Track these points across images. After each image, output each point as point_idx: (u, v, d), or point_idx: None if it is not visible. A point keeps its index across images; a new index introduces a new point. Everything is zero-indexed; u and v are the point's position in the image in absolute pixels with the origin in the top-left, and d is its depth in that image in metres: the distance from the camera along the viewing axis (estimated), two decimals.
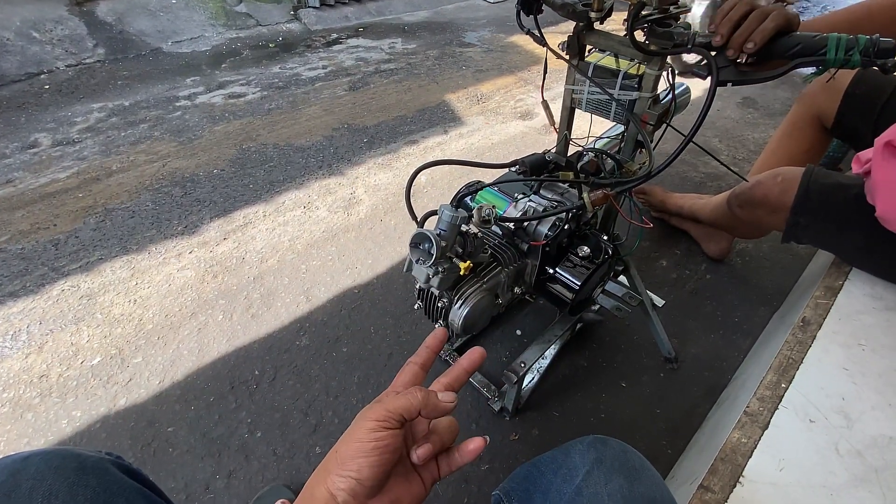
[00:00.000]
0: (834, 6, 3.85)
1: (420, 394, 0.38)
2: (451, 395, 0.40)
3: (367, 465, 0.35)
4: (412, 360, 0.45)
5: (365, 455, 0.35)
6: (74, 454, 0.45)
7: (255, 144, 1.94)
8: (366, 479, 0.35)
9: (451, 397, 0.40)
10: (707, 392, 1.13)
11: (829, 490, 0.60)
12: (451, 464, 0.42)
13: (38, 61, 2.35)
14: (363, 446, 0.36)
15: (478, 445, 0.41)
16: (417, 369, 0.45)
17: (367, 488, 0.36)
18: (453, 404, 0.40)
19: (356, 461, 0.35)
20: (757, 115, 2.31)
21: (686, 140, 0.67)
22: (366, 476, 0.35)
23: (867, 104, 1.09)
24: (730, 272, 1.46)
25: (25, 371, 1.13)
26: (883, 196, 0.76)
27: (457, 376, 0.45)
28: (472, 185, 0.84)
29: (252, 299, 1.33)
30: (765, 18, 0.60)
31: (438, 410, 0.39)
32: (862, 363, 0.74)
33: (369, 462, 0.35)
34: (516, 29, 0.83)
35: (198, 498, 0.94)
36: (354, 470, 0.35)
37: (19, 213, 1.56)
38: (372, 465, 0.35)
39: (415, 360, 0.45)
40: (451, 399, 0.40)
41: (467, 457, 0.41)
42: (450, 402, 0.39)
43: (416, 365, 0.45)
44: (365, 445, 0.36)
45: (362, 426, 0.37)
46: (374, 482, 0.36)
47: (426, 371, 0.46)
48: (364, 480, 0.35)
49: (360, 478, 0.35)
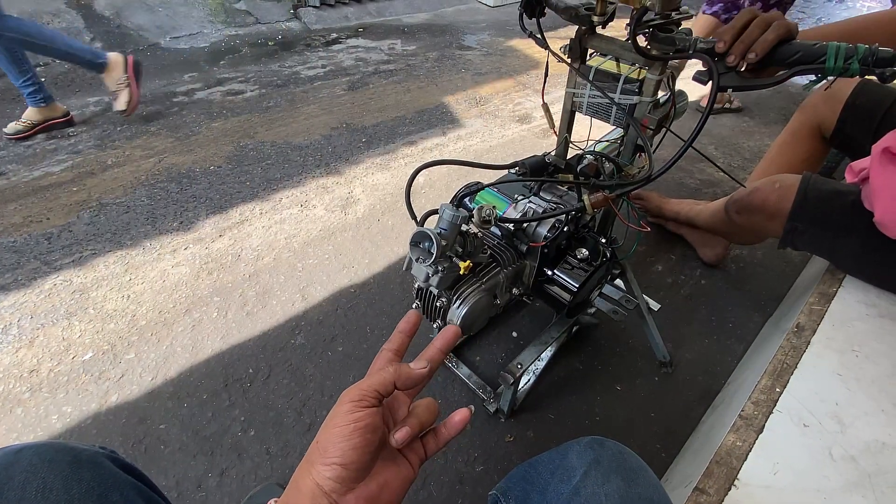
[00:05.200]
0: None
1: (392, 367, 0.39)
2: (422, 363, 0.40)
3: (350, 448, 0.35)
4: (386, 347, 0.45)
5: (346, 438, 0.35)
6: (69, 447, 0.44)
7: (253, 142, 1.94)
8: (350, 462, 0.35)
9: (423, 363, 0.40)
10: (701, 396, 1.14)
11: (822, 494, 0.60)
12: (439, 440, 0.42)
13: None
14: (342, 430, 0.35)
15: (464, 416, 0.41)
16: (391, 355, 0.45)
17: (353, 472, 0.35)
18: (426, 369, 0.40)
19: (338, 446, 0.35)
20: (752, 123, 2.34)
21: (687, 144, 0.68)
22: (350, 460, 0.35)
23: (867, 115, 1.10)
24: (725, 278, 1.47)
25: (16, 366, 1.12)
26: (881, 201, 0.77)
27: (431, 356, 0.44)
28: (471, 185, 0.84)
29: (247, 297, 1.32)
30: (766, 27, 0.61)
31: (413, 379, 0.39)
32: (855, 369, 0.75)
33: (351, 445, 0.35)
34: (515, 33, 0.84)
35: (189, 496, 0.93)
36: (338, 456, 0.35)
37: (12, 206, 1.54)
38: (355, 448, 0.35)
39: (388, 347, 0.45)
40: (424, 365, 0.40)
41: (454, 429, 0.41)
42: (422, 367, 0.40)
43: (391, 351, 0.45)
44: (344, 429, 0.35)
45: (339, 411, 0.36)
46: (360, 465, 0.36)
47: (401, 356, 0.46)
48: (348, 465, 0.35)
49: (344, 462, 0.35)
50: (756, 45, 0.61)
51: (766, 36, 0.61)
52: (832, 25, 0.84)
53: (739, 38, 0.62)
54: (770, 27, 0.61)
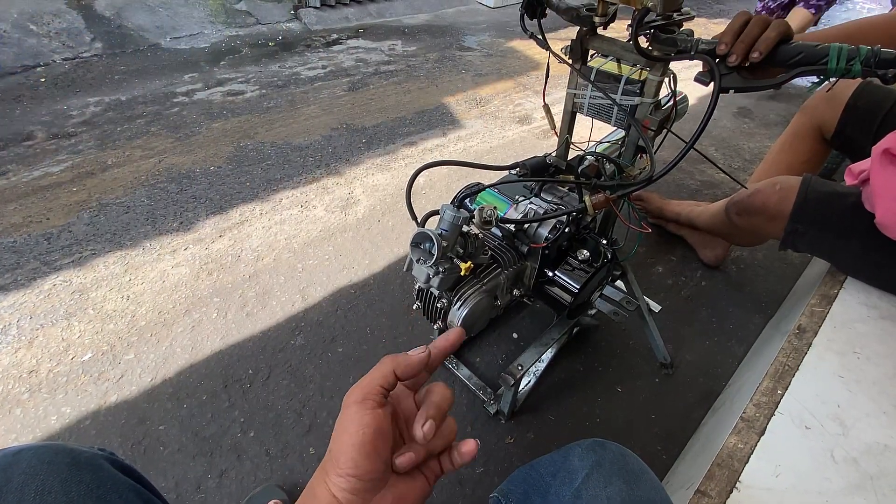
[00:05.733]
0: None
1: (388, 358, 0.39)
2: (421, 347, 0.40)
3: (363, 457, 0.34)
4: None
5: (356, 447, 0.34)
6: (67, 449, 0.44)
7: (253, 142, 1.94)
8: (364, 473, 0.34)
9: (422, 348, 0.40)
10: (702, 398, 1.13)
11: (824, 497, 0.60)
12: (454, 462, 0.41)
13: (34, 54, 2.33)
14: (351, 438, 0.34)
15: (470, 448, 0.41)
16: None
17: (368, 482, 0.35)
18: (425, 353, 0.40)
19: (349, 456, 0.34)
20: (752, 125, 2.34)
21: (689, 145, 0.68)
22: (364, 470, 0.34)
23: (868, 117, 1.10)
24: (725, 279, 1.47)
25: (15, 366, 1.11)
26: (882, 203, 0.77)
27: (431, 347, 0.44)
28: (472, 186, 0.84)
29: (247, 297, 1.31)
30: (766, 26, 0.61)
31: (412, 365, 0.39)
32: (857, 371, 0.75)
33: (363, 454, 0.34)
34: (516, 34, 0.83)
35: (189, 497, 0.92)
36: (351, 467, 0.34)
37: (11, 205, 1.54)
38: (367, 456, 0.34)
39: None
40: (422, 350, 0.40)
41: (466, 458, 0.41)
42: (420, 352, 0.40)
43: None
44: (354, 437, 0.34)
45: (346, 415, 0.36)
46: (374, 475, 0.35)
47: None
48: (363, 475, 0.34)
49: (359, 473, 0.34)
50: (759, 44, 0.61)
51: (767, 34, 0.61)
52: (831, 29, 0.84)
53: (739, 39, 0.62)
54: (770, 26, 0.61)
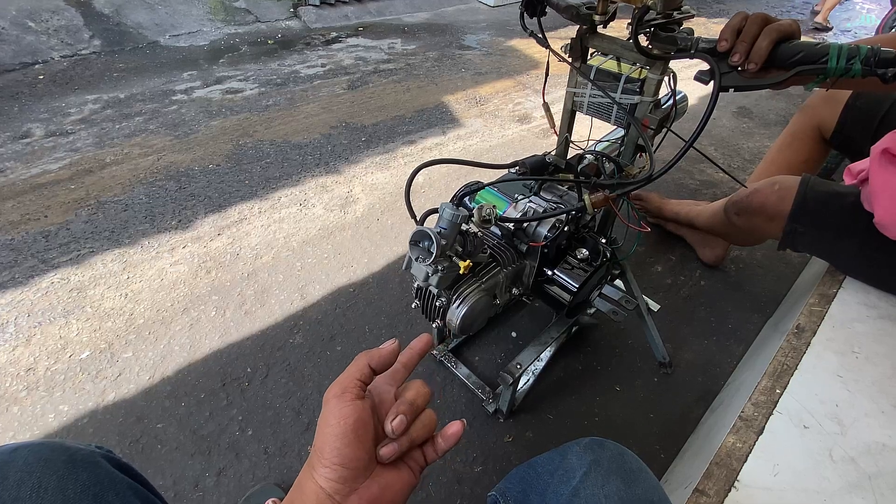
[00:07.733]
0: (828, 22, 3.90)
1: (362, 354, 0.41)
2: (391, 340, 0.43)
3: (345, 446, 0.36)
4: None
5: (338, 437, 0.36)
6: (64, 447, 0.43)
7: (252, 140, 1.93)
8: (348, 461, 0.36)
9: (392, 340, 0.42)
10: (700, 397, 1.13)
11: (822, 496, 0.60)
12: (437, 450, 0.42)
13: (33, 51, 2.32)
14: (333, 429, 0.36)
15: (456, 429, 0.42)
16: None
17: (352, 470, 0.36)
18: (395, 344, 0.42)
19: (332, 446, 0.36)
20: (752, 124, 2.34)
21: (688, 144, 0.67)
22: (348, 458, 0.36)
23: (867, 116, 1.10)
24: (724, 279, 1.47)
25: (12, 364, 1.11)
26: (881, 202, 0.77)
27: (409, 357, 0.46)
28: (471, 184, 0.84)
29: (245, 296, 1.31)
30: (765, 24, 0.61)
31: (384, 357, 0.41)
32: (855, 370, 0.75)
33: (345, 442, 0.36)
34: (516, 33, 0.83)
35: (187, 496, 0.92)
36: (336, 456, 0.35)
37: (9, 203, 1.54)
38: (349, 445, 0.36)
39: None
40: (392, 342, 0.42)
41: (450, 441, 0.42)
42: (391, 343, 0.42)
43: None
44: (335, 428, 0.36)
45: (326, 411, 0.37)
46: (358, 462, 0.36)
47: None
48: (347, 463, 0.36)
49: (343, 462, 0.35)
50: (760, 41, 0.60)
51: (768, 29, 0.60)
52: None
53: (740, 38, 0.62)
54: (769, 25, 0.61)
